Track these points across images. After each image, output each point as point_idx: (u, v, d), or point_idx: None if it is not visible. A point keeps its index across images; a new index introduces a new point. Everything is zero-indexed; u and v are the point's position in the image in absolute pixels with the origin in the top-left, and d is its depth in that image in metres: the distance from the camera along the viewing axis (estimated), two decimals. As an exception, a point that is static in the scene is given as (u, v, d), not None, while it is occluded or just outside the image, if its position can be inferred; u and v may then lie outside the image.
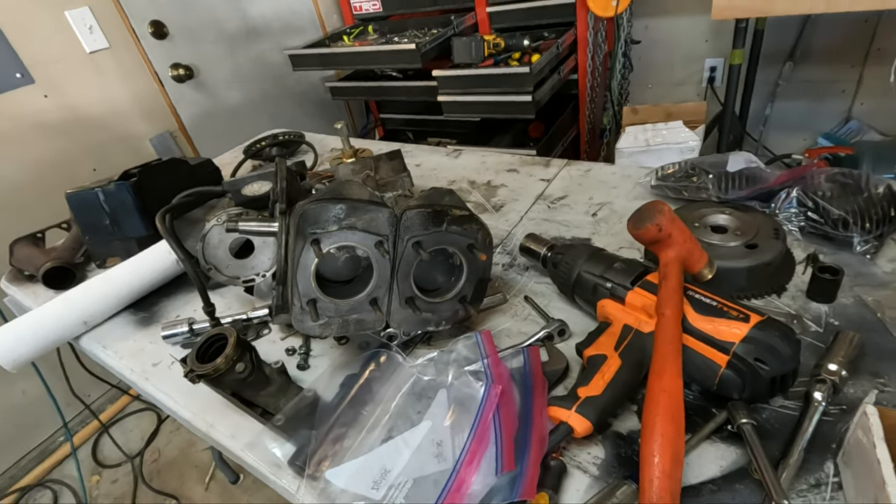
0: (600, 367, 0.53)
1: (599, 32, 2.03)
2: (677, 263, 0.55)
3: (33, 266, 0.95)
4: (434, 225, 0.61)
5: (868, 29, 1.96)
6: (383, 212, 0.59)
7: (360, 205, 0.58)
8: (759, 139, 2.36)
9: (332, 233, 0.57)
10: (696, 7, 2.15)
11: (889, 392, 0.51)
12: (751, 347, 0.48)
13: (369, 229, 0.59)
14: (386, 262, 0.60)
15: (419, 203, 0.62)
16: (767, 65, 2.14)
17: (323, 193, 0.60)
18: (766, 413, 0.52)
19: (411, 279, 0.62)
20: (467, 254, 0.64)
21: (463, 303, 0.66)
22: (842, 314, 0.61)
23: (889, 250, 0.68)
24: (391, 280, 0.61)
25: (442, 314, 0.65)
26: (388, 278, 0.61)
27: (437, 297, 0.65)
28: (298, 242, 0.58)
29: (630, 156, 1.88)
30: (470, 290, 0.66)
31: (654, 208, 0.55)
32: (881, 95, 2.05)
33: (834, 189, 0.72)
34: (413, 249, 0.61)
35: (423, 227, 0.61)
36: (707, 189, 0.80)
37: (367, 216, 0.58)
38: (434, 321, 0.65)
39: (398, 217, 0.60)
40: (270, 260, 0.73)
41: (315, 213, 0.57)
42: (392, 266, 0.61)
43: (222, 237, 0.71)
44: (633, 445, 0.52)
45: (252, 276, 0.73)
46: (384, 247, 0.59)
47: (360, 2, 2.32)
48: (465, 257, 0.65)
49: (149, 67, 1.89)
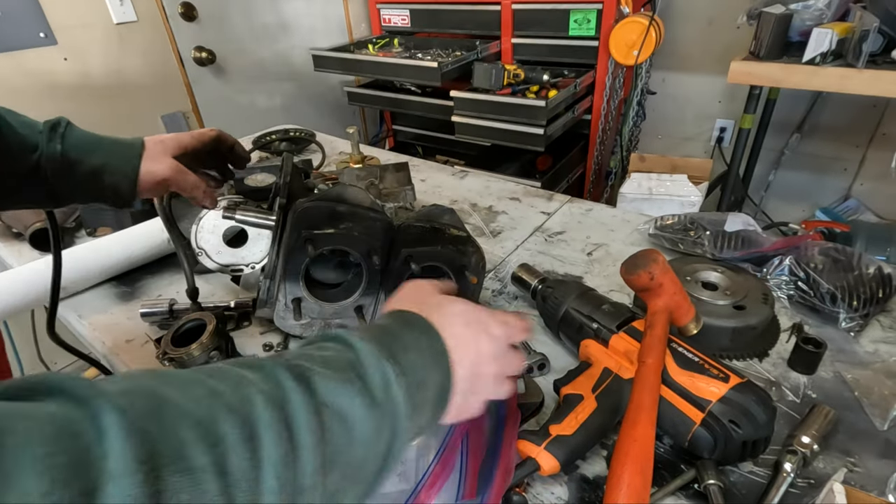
0: (575, 406, 0.53)
1: (618, 78, 2.07)
2: (665, 314, 0.55)
3: (22, 224, 0.94)
4: (430, 241, 0.61)
5: (875, 114, 2.01)
6: (381, 221, 0.59)
7: (360, 210, 0.58)
8: (759, 203, 2.39)
9: (328, 235, 0.57)
10: (714, 68, 2.20)
11: (858, 472, 0.51)
12: (727, 408, 0.48)
13: (364, 237, 0.59)
14: (376, 271, 0.60)
15: (418, 218, 0.62)
16: (775, 133, 2.19)
17: (325, 194, 0.60)
18: (734, 476, 0.51)
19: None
20: (458, 275, 0.64)
21: None
22: (820, 387, 0.61)
23: (873, 331, 0.69)
24: (379, 290, 0.61)
25: None
26: (376, 288, 0.60)
27: None
28: (293, 239, 0.57)
29: (632, 201, 1.91)
30: None
31: (649, 256, 0.55)
32: (881, 179, 2.09)
33: (826, 263, 0.72)
34: (405, 263, 0.60)
35: (418, 242, 0.61)
36: (703, 245, 0.81)
37: (364, 223, 0.58)
38: None
39: (396, 228, 0.60)
40: (262, 252, 0.72)
41: (314, 213, 0.57)
42: (382, 276, 0.60)
43: (217, 223, 0.70)
44: (597, 491, 0.51)
45: (241, 267, 0.73)
46: (377, 256, 0.59)
47: (389, 14, 2.36)
48: (456, 278, 0.64)
49: (173, 46, 1.90)
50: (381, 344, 0.34)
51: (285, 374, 0.28)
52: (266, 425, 0.24)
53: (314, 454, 0.26)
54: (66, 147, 0.54)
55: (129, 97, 1.83)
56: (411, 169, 1.02)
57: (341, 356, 0.32)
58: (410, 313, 0.39)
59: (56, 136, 0.54)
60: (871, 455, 0.53)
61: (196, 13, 1.93)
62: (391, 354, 0.33)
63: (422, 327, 0.38)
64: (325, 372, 0.29)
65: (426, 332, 0.38)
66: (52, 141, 0.54)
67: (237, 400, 0.25)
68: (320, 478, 0.26)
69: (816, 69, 1.47)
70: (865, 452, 0.53)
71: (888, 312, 0.71)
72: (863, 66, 1.41)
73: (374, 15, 2.41)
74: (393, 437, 0.31)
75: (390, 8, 2.33)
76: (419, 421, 0.35)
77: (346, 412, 0.28)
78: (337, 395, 0.28)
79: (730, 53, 1.68)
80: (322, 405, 0.27)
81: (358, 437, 0.29)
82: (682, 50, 2.26)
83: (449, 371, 0.37)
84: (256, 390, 0.26)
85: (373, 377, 0.31)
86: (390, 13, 2.35)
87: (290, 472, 0.24)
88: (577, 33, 1.92)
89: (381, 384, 0.31)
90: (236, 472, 0.22)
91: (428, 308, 0.40)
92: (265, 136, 1.38)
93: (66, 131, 0.55)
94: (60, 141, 0.54)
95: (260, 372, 0.28)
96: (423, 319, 0.38)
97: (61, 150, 0.54)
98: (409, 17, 2.30)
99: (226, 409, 0.24)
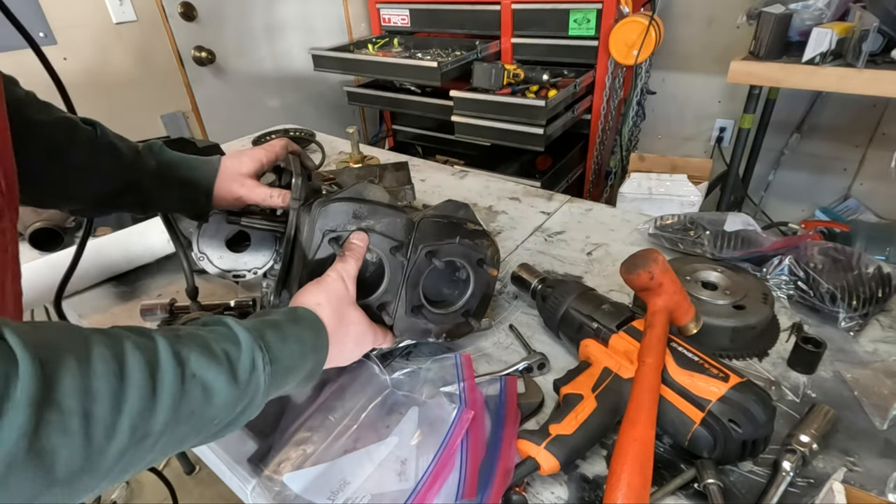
0: (575, 406, 0.53)
1: (618, 78, 2.07)
2: (665, 313, 0.55)
3: (22, 224, 0.94)
4: (448, 236, 0.62)
5: (875, 114, 2.01)
6: (401, 217, 0.59)
7: (380, 208, 0.58)
8: (758, 203, 2.39)
9: (351, 233, 0.57)
10: (714, 68, 2.20)
11: (857, 472, 0.51)
12: (726, 408, 0.48)
13: (386, 233, 0.58)
14: (398, 268, 0.60)
15: (435, 213, 0.62)
16: (775, 133, 2.19)
17: (345, 193, 0.60)
18: (733, 476, 0.51)
19: (420, 288, 0.62)
20: (476, 268, 0.65)
21: (466, 316, 0.66)
22: (819, 387, 0.61)
23: (872, 330, 0.69)
24: (401, 287, 0.61)
25: (444, 326, 0.64)
26: (398, 284, 0.60)
27: (442, 309, 0.64)
28: (316, 239, 0.57)
29: (632, 201, 1.91)
30: (474, 305, 0.66)
31: (649, 256, 0.55)
32: (881, 179, 2.09)
33: (826, 263, 0.72)
34: (426, 258, 0.61)
35: (437, 237, 0.61)
36: (702, 245, 0.81)
37: (385, 220, 0.58)
38: (436, 332, 0.64)
39: (415, 224, 0.60)
40: (265, 257, 0.72)
41: (336, 211, 0.57)
42: (404, 273, 0.61)
43: (220, 227, 0.70)
44: (597, 491, 0.51)
45: (243, 272, 0.72)
46: (401, 252, 0.59)
47: (389, 14, 2.36)
48: (474, 271, 0.65)
49: (172, 46, 1.90)
50: (262, 334, 0.41)
51: (165, 346, 0.34)
52: (134, 384, 0.30)
53: (169, 411, 0.32)
54: (159, 164, 0.63)
55: (128, 97, 1.83)
56: (411, 169, 1.02)
57: (223, 338, 0.38)
58: (305, 310, 0.49)
59: (152, 155, 0.63)
60: (871, 454, 0.53)
61: (196, 13, 1.93)
62: (267, 345, 0.40)
63: (312, 324, 0.48)
64: (201, 350, 0.36)
65: (314, 329, 0.48)
66: (149, 158, 0.63)
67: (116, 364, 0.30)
68: (171, 427, 0.32)
69: (816, 69, 1.47)
70: (865, 452, 0.53)
71: (887, 312, 0.71)
72: (862, 65, 1.41)
73: (374, 15, 2.41)
74: (247, 407, 0.39)
75: (390, 8, 2.33)
76: (280, 392, 0.44)
77: (209, 384, 0.35)
78: (205, 370, 0.35)
79: (729, 53, 1.68)
80: (190, 375, 0.34)
81: (215, 403, 0.35)
82: (682, 50, 2.26)
83: (324, 359, 0.49)
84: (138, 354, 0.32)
85: (243, 362, 0.38)
86: (390, 13, 2.35)
87: (144, 421, 0.30)
88: (577, 33, 1.92)
89: (247, 368, 0.38)
90: (98, 417, 0.28)
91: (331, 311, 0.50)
92: (265, 136, 1.38)
93: (159, 151, 0.65)
94: (156, 158, 0.63)
95: (148, 340, 0.34)
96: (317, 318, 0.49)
97: (155, 166, 0.63)
98: (409, 16, 2.29)
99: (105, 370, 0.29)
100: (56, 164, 0.58)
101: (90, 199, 0.62)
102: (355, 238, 0.56)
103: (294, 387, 0.46)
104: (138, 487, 1.62)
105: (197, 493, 1.59)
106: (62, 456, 0.26)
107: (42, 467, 0.26)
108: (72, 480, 0.27)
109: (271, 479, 0.52)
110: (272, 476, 0.52)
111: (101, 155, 0.60)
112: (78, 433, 0.27)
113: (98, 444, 0.28)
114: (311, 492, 0.50)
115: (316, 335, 0.48)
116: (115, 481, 0.32)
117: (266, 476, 0.52)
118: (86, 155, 0.59)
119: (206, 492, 1.59)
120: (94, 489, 0.30)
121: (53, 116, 0.59)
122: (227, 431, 0.39)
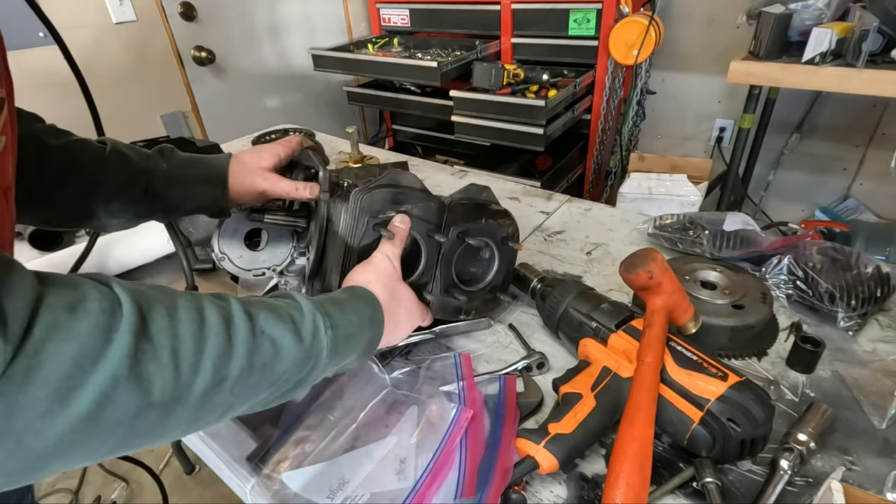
0: (574, 405, 0.53)
1: (617, 78, 2.07)
2: (664, 313, 0.55)
3: (22, 224, 0.94)
4: (476, 217, 0.66)
5: (875, 113, 2.01)
6: (435, 201, 0.63)
7: (416, 193, 0.62)
8: (758, 203, 2.39)
9: (390, 219, 0.60)
10: (714, 68, 2.20)
11: (856, 471, 0.51)
12: (725, 407, 0.48)
13: (423, 216, 0.62)
14: (434, 249, 0.64)
15: (463, 196, 0.67)
16: (775, 133, 2.19)
17: (383, 180, 0.62)
18: (732, 475, 0.51)
19: (452, 267, 0.66)
20: (501, 245, 0.69)
21: (493, 292, 0.70)
22: (818, 386, 0.61)
23: (871, 330, 0.69)
24: (435, 267, 0.64)
25: (473, 303, 0.69)
26: (433, 265, 0.64)
27: (471, 286, 0.69)
28: (360, 226, 0.59)
29: (632, 201, 1.91)
30: (500, 280, 0.71)
31: (648, 255, 0.55)
32: (881, 178, 2.09)
33: (825, 262, 0.73)
34: (459, 238, 0.65)
35: (466, 219, 0.65)
36: (702, 244, 0.81)
37: (421, 204, 0.62)
38: (466, 309, 0.68)
39: (447, 207, 0.63)
40: (283, 254, 0.71)
41: (379, 198, 0.59)
42: (439, 253, 0.64)
43: (238, 227, 0.69)
44: (596, 490, 0.51)
45: (263, 270, 0.72)
46: (437, 234, 0.62)
47: (389, 14, 2.36)
48: (498, 249, 0.69)
49: (172, 46, 1.90)
50: (322, 304, 0.45)
51: (238, 305, 0.39)
52: (213, 331, 0.36)
53: (244, 358, 0.37)
54: (171, 166, 0.64)
55: (128, 97, 1.83)
56: (411, 168, 1.02)
57: (288, 306, 0.43)
58: (360, 288, 0.52)
59: (163, 159, 0.64)
60: (870, 454, 0.53)
61: (195, 13, 1.93)
62: (327, 312, 0.44)
63: (366, 299, 0.51)
64: (269, 311, 0.40)
65: (369, 303, 0.51)
66: (159, 162, 0.64)
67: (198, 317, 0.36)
68: (245, 374, 0.37)
69: (816, 69, 1.47)
70: (864, 451, 0.53)
71: (886, 311, 0.72)
72: (862, 65, 1.41)
73: (374, 14, 2.41)
74: (313, 368, 0.43)
75: (390, 7, 2.33)
76: (342, 361, 0.47)
77: (277, 340, 0.39)
78: (272, 327, 0.40)
79: (729, 53, 1.68)
80: (259, 330, 0.39)
81: (284, 359, 0.40)
82: (682, 50, 2.26)
83: (381, 333, 0.52)
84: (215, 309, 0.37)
85: (306, 324, 0.42)
86: (390, 13, 2.35)
87: (222, 364, 0.35)
88: (577, 33, 1.92)
89: (310, 329, 0.42)
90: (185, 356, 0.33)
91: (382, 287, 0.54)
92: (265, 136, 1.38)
93: (170, 152, 0.66)
94: (166, 162, 0.64)
95: (223, 301, 0.39)
96: (371, 294, 0.52)
97: (166, 169, 0.64)
98: (409, 16, 2.29)
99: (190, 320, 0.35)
100: (70, 180, 0.59)
101: (105, 211, 0.62)
102: (398, 221, 0.60)
103: (355, 359, 0.49)
104: (138, 488, 1.62)
105: (196, 494, 1.59)
106: (157, 382, 0.32)
107: (140, 388, 0.31)
108: (166, 406, 0.32)
109: (270, 477, 0.52)
110: (271, 475, 0.52)
111: (111, 164, 0.61)
112: (168, 364, 0.32)
113: (185, 377, 0.33)
114: (310, 490, 0.50)
115: (372, 309, 0.51)
116: (205, 419, 0.36)
117: (265, 475, 0.52)
118: (97, 167, 0.61)
119: (205, 492, 1.59)
120: (187, 422, 0.35)
121: (67, 140, 0.61)
122: (298, 390, 0.43)
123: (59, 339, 0.28)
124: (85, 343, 0.29)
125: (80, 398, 0.29)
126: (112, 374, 0.30)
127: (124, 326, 0.31)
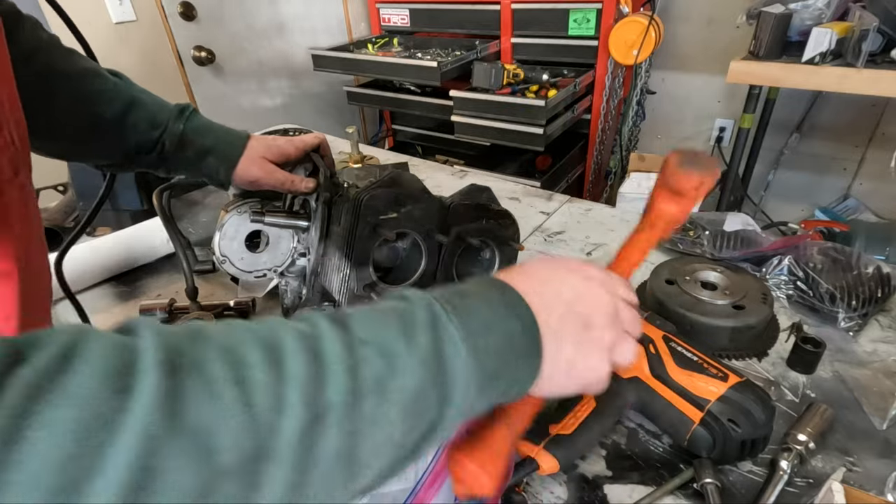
0: (574, 406, 0.53)
1: (617, 78, 2.07)
2: (672, 225, 0.47)
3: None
4: (477, 217, 0.66)
5: (875, 113, 2.01)
6: (434, 202, 0.63)
7: (416, 193, 0.62)
8: (758, 203, 2.39)
9: (393, 219, 0.60)
10: (714, 68, 2.20)
11: (857, 472, 0.51)
12: (726, 407, 0.48)
13: (424, 217, 0.62)
14: (435, 250, 0.63)
15: (463, 197, 0.67)
16: (775, 133, 2.19)
17: (383, 180, 0.63)
18: (732, 476, 0.51)
19: (453, 268, 0.66)
20: (501, 245, 0.69)
21: None
22: (819, 387, 0.61)
23: (872, 330, 0.69)
24: (436, 268, 0.64)
25: None
26: (434, 266, 0.64)
27: None
28: (361, 226, 0.59)
29: (632, 201, 1.91)
30: None
31: (712, 163, 0.45)
32: (881, 178, 2.09)
33: (825, 263, 0.72)
34: (457, 239, 0.64)
35: (467, 219, 0.65)
36: (702, 245, 0.81)
37: (421, 205, 0.62)
38: None
39: (447, 208, 0.63)
40: (283, 255, 0.71)
41: (379, 200, 0.59)
42: (441, 254, 0.64)
43: (239, 228, 0.69)
44: (597, 491, 0.51)
45: (264, 272, 0.71)
46: (438, 235, 0.62)
47: (389, 14, 2.36)
48: (499, 249, 0.69)
49: (172, 46, 1.90)
50: (435, 293, 0.32)
51: (322, 319, 0.29)
52: (291, 352, 0.25)
53: (344, 376, 0.26)
54: (187, 128, 0.63)
55: (128, 97, 1.83)
56: (411, 169, 1.02)
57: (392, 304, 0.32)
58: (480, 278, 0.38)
59: (182, 118, 0.63)
60: (870, 454, 0.53)
61: (195, 13, 1.93)
62: (445, 299, 0.31)
63: (490, 282, 0.35)
64: (366, 316, 0.30)
65: (495, 285, 0.35)
66: (177, 121, 0.62)
67: (268, 335, 0.26)
68: (351, 398, 0.26)
69: (816, 69, 1.47)
70: (864, 452, 0.53)
71: (887, 312, 0.72)
72: (862, 65, 1.41)
73: (374, 14, 2.40)
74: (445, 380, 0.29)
75: (390, 7, 2.33)
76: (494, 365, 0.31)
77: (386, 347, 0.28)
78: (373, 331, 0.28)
79: (729, 53, 1.68)
80: (357, 340, 0.28)
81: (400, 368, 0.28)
82: (682, 50, 2.26)
83: (528, 316, 0.33)
84: (290, 329, 0.27)
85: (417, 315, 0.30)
86: (390, 13, 2.34)
87: (314, 388, 0.25)
88: (577, 33, 1.92)
89: (427, 321, 0.30)
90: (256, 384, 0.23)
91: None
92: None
93: (190, 115, 0.64)
94: (184, 122, 0.63)
95: (301, 320, 0.29)
96: (494, 278, 0.36)
97: (182, 130, 0.62)
98: (409, 16, 2.29)
99: (254, 339, 0.25)
100: (82, 118, 0.57)
101: (118, 153, 0.61)
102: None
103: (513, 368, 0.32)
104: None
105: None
106: (220, 433, 0.21)
107: (196, 446, 0.21)
108: (247, 469, 0.22)
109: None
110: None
111: (129, 109, 0.60)
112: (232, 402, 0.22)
113: (264, 417, 0.23)
114: (311, 492, 0.50)
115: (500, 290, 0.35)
116: (323, 485, 0.25)
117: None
118: (114, 109, 0.58)
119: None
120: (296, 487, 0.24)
121: (79, 66, 0.58)
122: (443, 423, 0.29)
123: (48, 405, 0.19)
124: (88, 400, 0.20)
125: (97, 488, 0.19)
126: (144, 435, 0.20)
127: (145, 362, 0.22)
